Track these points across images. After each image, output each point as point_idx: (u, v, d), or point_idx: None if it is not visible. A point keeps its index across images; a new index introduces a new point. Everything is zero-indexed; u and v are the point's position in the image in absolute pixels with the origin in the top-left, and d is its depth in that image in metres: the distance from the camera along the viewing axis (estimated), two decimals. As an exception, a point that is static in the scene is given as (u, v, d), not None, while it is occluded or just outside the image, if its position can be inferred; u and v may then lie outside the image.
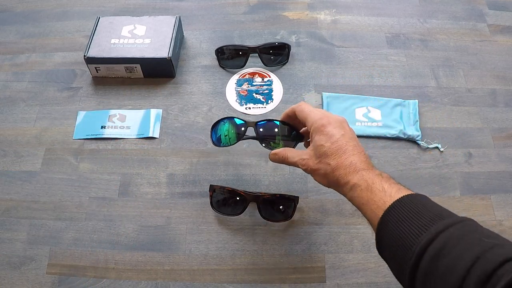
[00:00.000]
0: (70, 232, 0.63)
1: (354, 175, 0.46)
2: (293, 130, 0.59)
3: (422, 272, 0.36)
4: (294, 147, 0.59)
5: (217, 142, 0.60)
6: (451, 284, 0.34)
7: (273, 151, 0.55)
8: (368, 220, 0.44)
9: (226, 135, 0.59)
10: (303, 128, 0.57)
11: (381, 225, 0.42)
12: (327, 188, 0.65)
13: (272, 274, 0.59)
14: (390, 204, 0.41)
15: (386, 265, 0.42)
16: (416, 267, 0.37)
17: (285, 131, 0.58)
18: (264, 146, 0.58)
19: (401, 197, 0.41)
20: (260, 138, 0.58)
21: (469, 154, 0.69)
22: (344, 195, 0.48)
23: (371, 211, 0.43)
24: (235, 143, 0.59)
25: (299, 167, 0.51)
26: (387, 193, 0.42)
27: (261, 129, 0.58)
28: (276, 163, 0.56)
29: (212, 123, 0.61)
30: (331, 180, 0.48)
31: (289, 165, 0.53)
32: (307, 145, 0.59)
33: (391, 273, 0.42)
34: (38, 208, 0.65)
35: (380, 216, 0.41)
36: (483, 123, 0.73)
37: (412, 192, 0.43)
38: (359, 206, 0.45)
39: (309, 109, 0.53)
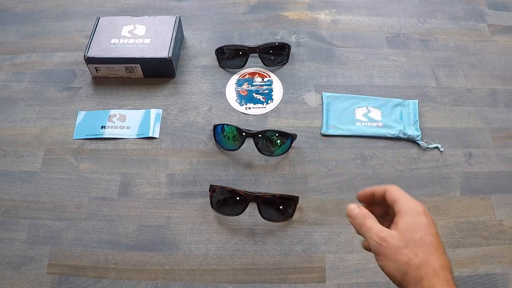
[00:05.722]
0: (70, 232, 0.63)
1: (436, 280, 0.40)
2: (284, 135, 0.67)
3: None
4: (289, 148, 0.67)
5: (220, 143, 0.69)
6: None
7: (352, 212, 0.44)
8: None
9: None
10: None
11: None
12: (327, 188, 0.66)
13: (272, 274, 0.59)
14: None
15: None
16: None
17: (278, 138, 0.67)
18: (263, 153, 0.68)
19: None
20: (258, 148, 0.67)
21: (469, 154, 0.69)
22: None
23: None
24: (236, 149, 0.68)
25: (370, 240, 0.41)
26: None
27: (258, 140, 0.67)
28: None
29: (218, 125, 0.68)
30: (409, 273, 0.40)
31: (360, 234, 0.43)
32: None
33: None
34: (38, 208, 0.65)
35: None
36: (483, 123, 0.73)
37: None
38: None
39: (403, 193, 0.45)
